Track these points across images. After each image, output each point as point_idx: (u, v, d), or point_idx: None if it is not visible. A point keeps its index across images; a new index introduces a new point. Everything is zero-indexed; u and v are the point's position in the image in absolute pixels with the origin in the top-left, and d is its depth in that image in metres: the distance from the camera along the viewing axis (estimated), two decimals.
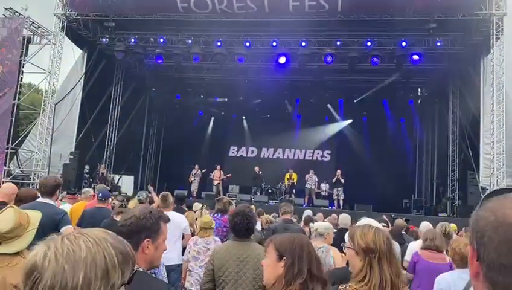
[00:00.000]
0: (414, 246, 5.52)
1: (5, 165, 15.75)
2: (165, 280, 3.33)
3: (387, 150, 20.57)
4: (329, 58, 15.89)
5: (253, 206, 6.23)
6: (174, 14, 15.41)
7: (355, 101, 20.51)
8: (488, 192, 0.86)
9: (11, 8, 16.51)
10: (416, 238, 6.02)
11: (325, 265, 4.34)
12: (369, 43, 15.48)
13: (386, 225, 5.19)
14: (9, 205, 2.45)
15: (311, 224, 6.23)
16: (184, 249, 5.22)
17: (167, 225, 2.04)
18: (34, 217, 2.38)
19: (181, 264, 5.17)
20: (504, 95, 13.49)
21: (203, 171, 18.40)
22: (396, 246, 4.88)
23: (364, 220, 3.08)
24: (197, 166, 18.39)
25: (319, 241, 4.57)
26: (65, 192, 7.53)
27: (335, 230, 5.44)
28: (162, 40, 16.91)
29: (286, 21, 15.06)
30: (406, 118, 21.19)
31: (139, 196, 7.41)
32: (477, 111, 14.55)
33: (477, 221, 0.79)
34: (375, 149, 20.51)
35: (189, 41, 16.78)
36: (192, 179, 18.05)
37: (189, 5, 14.85)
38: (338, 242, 3.89)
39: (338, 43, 15.84)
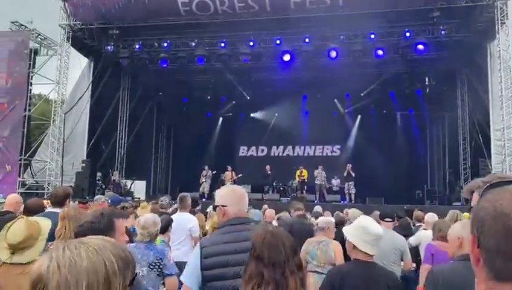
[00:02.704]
0: (425, 237, 5.51)
1: (19, 176, 16.03)
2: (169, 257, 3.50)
3: (397, 142, 20.46)
4: (333, 53, 15.87)
5: (265, 205, 6.26)
6: (177, 18, 15.51)
7: (362, 94, 20.42)
8: (488, 184, 0.94)
9: (17, 22, 16.79)
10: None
11: (326, 259, 4.39)
12: (372, 36, 15.41)
13: (391, 219, 5.17)
14: (20, 216, 2.55)
15: (312, 219, 6.30)
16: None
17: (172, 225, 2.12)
18: (45, 225, 2.47)
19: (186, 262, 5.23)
20: None
21: (214, 172, 18.48)
22: (402, 240, 4.92)
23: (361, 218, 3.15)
24: (207, 167, 18.49)
25: (320, 235, 4.63)
26: (77, 201, 7.64)
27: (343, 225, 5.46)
28: (166, 44, 17.03)
29: (288, 18, 15.08)
30: (415, 109, 21.01)
31: (162, 201, 7.39)
32: (486, 97, 14.42)
33: (478, 211, 0.87)
34: (384, 141, 20.41)
35: (193, 44, 16.87)
36: (203, 180, 18.14)
37: (191, 8, 14.95)
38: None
39: (341, 37, 15.81)
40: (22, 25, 16.82)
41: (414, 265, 5.16)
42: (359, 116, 22.09)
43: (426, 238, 5.43)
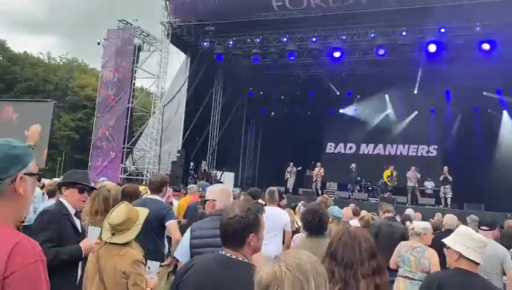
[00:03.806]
0: None
1: (122, 163, 17.47)
2: None
3: (502, 143, 18.65)
4: (433, 47, 14.94)
5: (330, 200, 6.03)
6: (269, 14, 15.67)
7: (463, 92, 18.86)
8: None
9: (124, 20, 18.20)
10: None
11: (419, 265, 4.14)
12: (478, 28, 14.20)
13: (488, 228, 4.67)
14: (122, 201, 2.79)
15: (407, 223, 5.93)
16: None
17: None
18: (143, 212, 2.68)
19: None
20: None
21: (299, 168, 18.46)
22: (503, 250, 4.46)
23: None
24: (291, 163, 18.51)
25: (416, 240, 4.38)
26: (171, 189, 8.11)
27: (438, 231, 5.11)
28: (258, 40, 17.32)
29: (383, 11, 14.45)
30: None
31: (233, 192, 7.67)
32: None
33: None
34: (487, 143, 18.73)
35: (284, 39, 16.93)
36: (288, 176, 18.22)
37: (284, 3, 15.00)
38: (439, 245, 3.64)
39: (442, 30, 14.77)
40: (128, 23, 18.20)
41: None
42: (459, 115, 20.48)
43: None
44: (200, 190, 6.18)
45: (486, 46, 14.51)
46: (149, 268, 2.76)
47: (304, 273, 1.10)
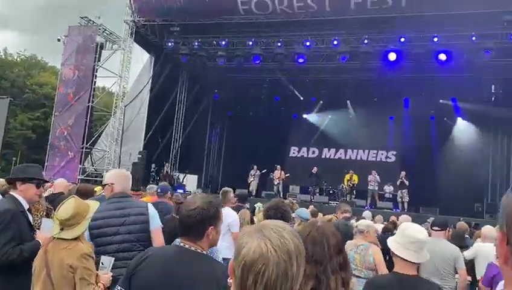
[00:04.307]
0: (482, 250, 5.16)
1: (81, 164, 16.97)
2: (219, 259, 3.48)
3: (456, 151, 19.45)
4: (392, 55, 15.41)
5: (296, 205, 6.19)
6: (236, 17, 15.71)
7: (421, 100, 19.62)
8: None
9: (86, 17, 17.75)
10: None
11: (364, 263, 4.24)
12: (435, 39, 14.78)
13: (439, 228, 4.84)
14: (71, 196, 2.72)
15: (352, 221, 6.10)
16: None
17: None
18: (93, 206, 2.62)
19: (229, 258, 5.23)
20: None
21: (264, 171, 18.54)
22: (455, 249, 4.65)
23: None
24: (255, 166, 18.56)
25: (359, 238, 4.48)
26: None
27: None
28: (223, 43, 17.31)
29: (347, 19, 14.81)
30: (478, 117, 19.86)
31: (195, 193, 7.67)
32: None
33: (509, 205, 0.77)
34: (443, 150, 19.50)
35: (250, 43, 17.01)
36: (251, 179, 18.26)
37: (251, 7, 15.08)
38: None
39: (402, 39, 15.28)
40: (91, 20, 17.76)
41: (470, 278, 4.85)
42: (417, 122, 21.20)
43: (483, 253, 5.10)
44: (159, 190, 6.08)
45: (442, 56, 15.11)
46: (102, 264, 2.68)
47: (288, 253, 1.07)
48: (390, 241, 2.64)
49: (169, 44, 17.67)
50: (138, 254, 2.12)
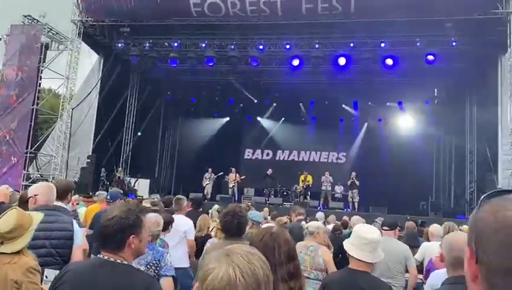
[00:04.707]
0: (429, 249, 5.36)
1: (25, 169, 16.11)
2: (166, 260, 3.39)
3: (403, 152, 20.31)
4: (342, 60, 15.82)
5: (252, 209, 6.20)
6: (188, 19, 15.55)
7: (369, 103, 20.39)
8: (486, 193, 0.83)
9: (29, 15, 16.91)
10: (428, 241, 5.89)
11: (313, 264, 4.34)
12: (382, 44, 15.36)
13: (388, 228, 5.01)
14: (13, 207, 2.55)
15: (303, 223, 6.20)
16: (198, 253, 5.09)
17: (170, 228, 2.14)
18: (36, 218, 2.47)
19: (187, 267, 5.15)
20: None
21: (220, 174, 18.43)
22: (405, 248, 4.84)
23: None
24: (210, 169, 18.43)
25: (309, 239, 4.56)
26: (78, 195, 7.68)
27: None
28: (176, 44, 17.07)
29: (299, 23, 15.07)
30: (422, 119, 20.89)
31: (153, 198, 7.52)
32: (495, 111, 14.28)
33: (476, 222, 0.78)
34: (391, 151, 20.29)
35: (203, 45, 16.90)
36: (207, 182, 18.12)
37: (203, 9, 14.98)
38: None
39: (351, 44, 15.75)
40: (35, 19, 16.94)
41: (421, 276, 5.03)
42: (366, 124, 21.99)
43: (430, 252, 5.26)
44: (108, 197, 5.90)
45: (389, 61, 15.72)
46: (46, 277, 2.56)
47: (257, 282, 1.04)
48: (346, 243, 2.72)
49: (119, 45, 17.19)
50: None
